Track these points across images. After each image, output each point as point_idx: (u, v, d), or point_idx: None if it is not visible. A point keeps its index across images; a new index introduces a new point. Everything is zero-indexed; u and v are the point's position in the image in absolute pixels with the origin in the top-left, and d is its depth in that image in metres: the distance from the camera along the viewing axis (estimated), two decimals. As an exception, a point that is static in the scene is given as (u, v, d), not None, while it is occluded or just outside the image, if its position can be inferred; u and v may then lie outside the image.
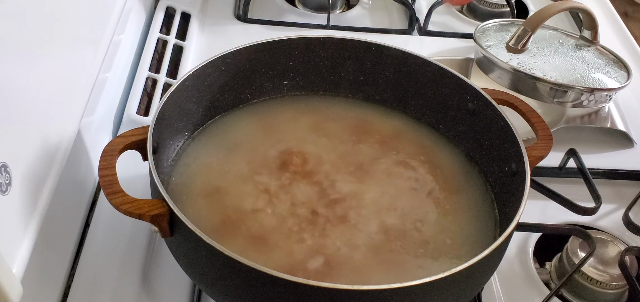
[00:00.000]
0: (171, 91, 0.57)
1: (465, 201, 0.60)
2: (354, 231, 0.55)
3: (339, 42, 0.66)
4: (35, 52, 0.52)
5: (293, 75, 0.67)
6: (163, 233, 0.49)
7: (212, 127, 0.64)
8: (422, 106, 0.67)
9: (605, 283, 0.60)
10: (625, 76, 0.79)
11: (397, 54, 0.65)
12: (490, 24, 0.86)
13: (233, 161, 0.61)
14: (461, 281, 0.46)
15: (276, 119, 0.66)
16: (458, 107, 0.64)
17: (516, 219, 0.49)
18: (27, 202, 0.49)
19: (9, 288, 0.43)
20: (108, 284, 0.57)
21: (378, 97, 0.69)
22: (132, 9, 0.82)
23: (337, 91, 0.69)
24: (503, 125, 0.58)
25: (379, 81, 0.67)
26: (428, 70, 0.64)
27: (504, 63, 0.77)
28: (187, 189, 0.58)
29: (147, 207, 0.48)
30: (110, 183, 0.49)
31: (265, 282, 0.44)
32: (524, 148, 0.55)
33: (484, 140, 0.62)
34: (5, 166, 0.45)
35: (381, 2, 1.00)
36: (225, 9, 0.95)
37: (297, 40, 0.65)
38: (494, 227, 0.58)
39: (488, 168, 0.62)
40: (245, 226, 0.54)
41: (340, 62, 0.67)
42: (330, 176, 0.60)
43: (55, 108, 0.54)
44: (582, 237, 0.61)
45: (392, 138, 0.65)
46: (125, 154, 0.53)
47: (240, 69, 0.64)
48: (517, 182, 0.54)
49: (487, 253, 0.46)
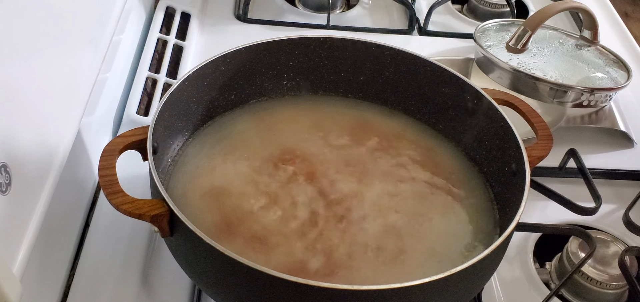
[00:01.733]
0: (171, 91, 0.57)
1: (465, 200, 0.60)
2: (354, 230, 0.55)
3: (339, 42, 0.66)
4: (35, 52, 0.52)
5: (293, 75, 0.67)
6: (163, 233, 0.49)
7: (212, 127, 0.64)
8: (422, 106, 0.67)
9: (605, 283, 0.60)
10: (625, 76, 0.79)
11: (397, 54, 0.65)
12: (490, 24, 0.86)
13: (233, 161, 0.61)
14: (461, 281, 0.46)
15: (276, 119, 0.66)
16: (458, 107, 0.64)
17: (516, 219, 0.49)
18: (27, 202, 0.49)
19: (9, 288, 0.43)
20: (108, 284, 0.57)
21: (378, 97, 0.69)
22: (132, 9, 0.82)
23: (337, 91, 0.69)
24: (503, 125, 0.58)
25: (379, 81, 0.68)
26: (428, 70, 0.64)
27: (504, 63, 0.77)
28: (187, 189, 0.58)
29: (147, 207, 0.48)
30: (110, 183, 0.49)
31: (264, 282, 0.44)
32: (523, 148, 0.55)
33: (484, 140, 0.62)
34: (5, 166, 0.45)
35: (381, 2, 1.00)
36: (225, 9, 0.95)
37: (297, 40, 0.65)
38: (494, 227, 0.58)
39: (488, 168, 0.62)
40: (245, 226, 0.54)
41: (340, 62, 0.67)
42: (330, 176, 0.60)
43: (55, 108, 0.54)
44: (582, 237, 0.61)
45: (392, 138, 0.65)
46: (126, 154, 0.53)
47: (241, 69, 0.64)
48: (517, 182, 0.54)
49: (487, 253, 0.46)
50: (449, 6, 1.00)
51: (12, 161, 0.46)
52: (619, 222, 0.65)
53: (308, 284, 0.43)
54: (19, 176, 0.47)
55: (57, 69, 0.55)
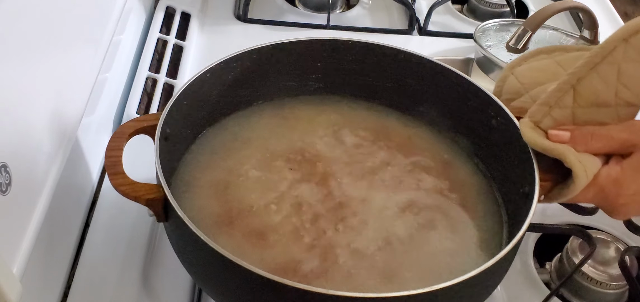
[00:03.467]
0: (191, 81, 0.57)
1: (475, 219, 0.57)
2: (356, 236, 0.54)
3: (366, 46, 0.65)
4: (35, 52, 0.52)
5: (319, 76, 0.66)
6: (158, 218, 0.50)
7: (232, 120, 0.64)
8: (444, 118, 0.65)
9: (605, 283, 0.60)
10: (625, 76, 0.79)
11: (425, 64, 0.63)
12: (491, 24, 0.86)
13: (247, 156, 0.60)
14: (453, 295, 0.45)
15: (296, 118, 0.65)
16: (481, 122, 0.61)
17: (513, 242, 0.47)
18: (27, 202, 0.49)
19: (9, 288, 0.43)
20: (108, 284, 0.57)
21: (401, 105, 0.67)
22: (132, 9, 0.82)
23: (360, 95, 0.68)
24: (522, 145, 0.55)
25: (404, 89, 0.66)
26: (454, 82, 0.62)
27: (504, 63, 0.77)
28: (196, 178, 0.58)
29: (143, 191, 0.49)
30: (114, 164, 0.50)
31: (245, 277, 0.43)
32: (537, 172, 0.52)
33: (503, 159, 0.59)
34: (5, 166, 0.45)
35: (381, 2, 1.00)
36: (225, 8, 0.95)
37: (324, 42, 0.64)
38: (500, 247, 0.55)
39: (503, 188, 0.59)
40: (246, 220, 0.54)
41: (366, 67, 0.65)
42: (340, 178, 0.59)
43: (55, 108, 0.54)
44: (582, 237, 0.61)
45: (409, 147, 0.63)
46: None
47: (266, 66, 0.63)
48: (527, 206, 0.51)
49: (474, 273, 0.44)
50: (449, 6, 1.00)
51: (12, 161, 0.46)
52: (619, 222, 0.65)
53: (292, 286, 0.42)
54: (19, 176, 0.47)
55: (57, 69, 0.55)
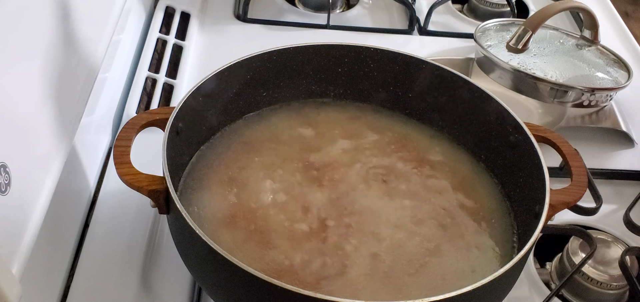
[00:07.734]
0: (208, 77, 0.57)
1: (488, 240, 0.56)
2: (360, 245, 0.53)
3: (391, 55, 0.64)
4: (35, 51, 0.52)
5: (342, 81, 0.66)
6: (160, 209, 0.51)
7: (250, 120, 0.64)
8: (466, 132, 0.64)
9: (605, 283, 0.60)
10: (625, 76, 0.79)
11: (449, 77, 0.63)
12: (491, 23, 0.86)
13: (260, 157, 0.60)
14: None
15: (314, 123, 0.65)
16: (500, 137, 0.60)
17: (509, 265, 0.46)
18: (27, 202, 0.49)
19: (9, 288, 0.43)
20: (108, 284, 0.57)
21: (423, 117, 0.66)
22: (131, 9, 0.82)
23: (383, 103, 0.67)
24: (537, 163, 0.54)
25: (427, 101, 0.65)
26: (476, 96, 0.62)
27: (504, 63, 0.77)
28: (207, 173, 0.58)
29: (146, 182, 0.50)
30: (121, 153, 0.51)
31: (239, 275, 0.43)
32: (548, 193, 0.51)
33: (520, 178, 0.58)
34: (5, 166, 0.45)
35: (381, 2, 1.00)
36: (225, 8, 0.95)
37: (348, 47, 0.64)
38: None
39: (518, 207, 0.58)
40: (251, 219, 0.54)
41: (390, 76, 0.65)
42: (352, 186, 0.58)
43: (55, 107, 0.54)
44: (583, 238, 0.61)
45: (428, 160, 0.62)
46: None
47: (287, 68, 0.63)
48: (536, 228, 0.50)
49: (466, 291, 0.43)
50: (449, 6, 1.00)
51: (12, 161, 0.46)
52: (619, 222, 0.65)
53: (283, 288, 0.41)
54: (18, 176, 0.47)
55: (56, 69, 0.55)
